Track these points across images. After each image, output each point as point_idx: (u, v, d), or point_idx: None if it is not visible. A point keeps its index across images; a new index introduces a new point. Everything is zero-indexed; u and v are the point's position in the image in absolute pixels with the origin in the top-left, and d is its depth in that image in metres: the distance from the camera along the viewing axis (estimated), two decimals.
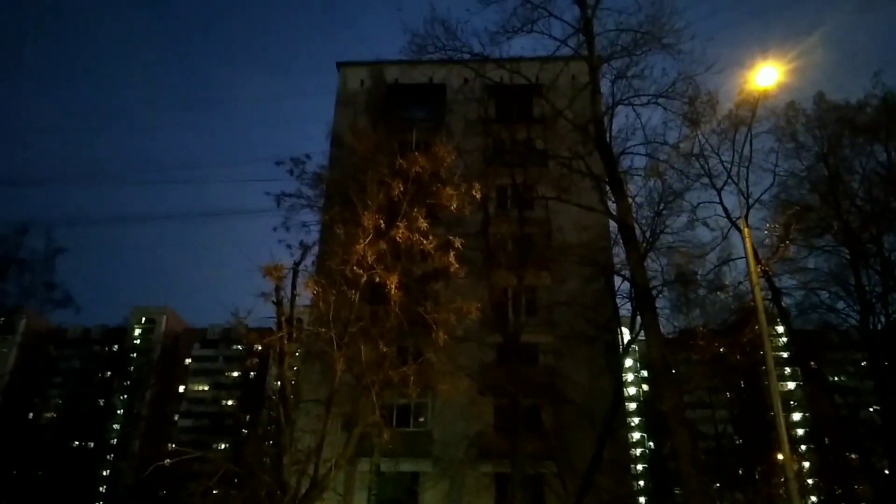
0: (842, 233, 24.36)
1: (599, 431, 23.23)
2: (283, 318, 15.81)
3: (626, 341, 27.34)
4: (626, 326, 27.72)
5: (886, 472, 24.05)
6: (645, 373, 48.88)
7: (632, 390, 55.58)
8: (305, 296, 16.59)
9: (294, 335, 16.10)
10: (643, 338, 22.17)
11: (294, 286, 16.24)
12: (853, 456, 25.87)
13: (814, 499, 38.95)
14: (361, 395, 15.97)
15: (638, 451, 55.96)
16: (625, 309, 26.67)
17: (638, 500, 41.60)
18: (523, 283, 25.31)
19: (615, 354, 26.40)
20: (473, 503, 24.92)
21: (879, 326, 25.07)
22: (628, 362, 50.93)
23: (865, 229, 24.29)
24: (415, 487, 25.94)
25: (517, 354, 24.03)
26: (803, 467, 38.74)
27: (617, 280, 26.04)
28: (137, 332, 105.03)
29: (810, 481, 39.74)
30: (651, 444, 53.59)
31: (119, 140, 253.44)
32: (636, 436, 56.92)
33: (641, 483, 49.92)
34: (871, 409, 27.45)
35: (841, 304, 25.79)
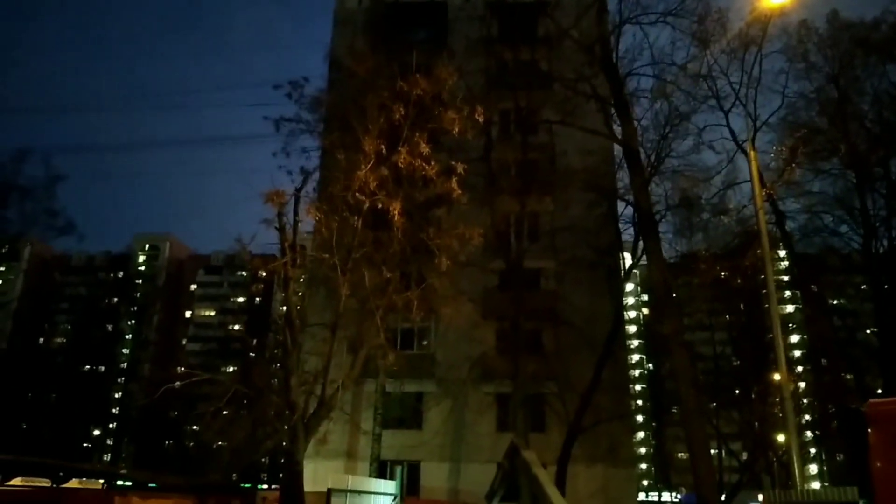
0: (849, 156, 24.05)
1: (599, 353, 23.67)
2: (286, 245, 15.80)
3: (627, 266, 27.47)
4: (628, 251, 27.78)
5: (879, 391, 24.60)
6: (646, 297, 49.41)
7: (632, 314, 56.33)
8: (308, 222, 16.56)
9: (298, 261, 16.15)
10: (645, 262, 22.29)
11: (296, 212, 16.16)
12: (848, 376, 26.42)
13: (808, 417, 40.13)
14: (366, 319, 16.16)
15: (637, 373, 57.28)
16: (627, 234, 26.70)
17: (635, 418, 42.91)
18: (526, 209, 25.23)
19: (616, 279, 26.61)
20: (475, 421, 25.74)
21: (882, 250, 25.12)
22: (629, 286, 51.37)
23: (873, 152, 23.97)
24: (419, 406, 26.72)
25: (519, 280, 24.22)
26: (799, 387, 39.65)
27: (620, 205, 25.97)
28: (141, 258, 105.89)
29: (805, 401, 40.79)
30: (650, 365, 54.81)
31: (115, 67, 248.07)
32: (635, 358, 58.15)
33: (640, 402, 51.36)
34: (868, 332, 27.91)
35: (844, 228, 25.80)
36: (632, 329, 50.21)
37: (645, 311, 56.28)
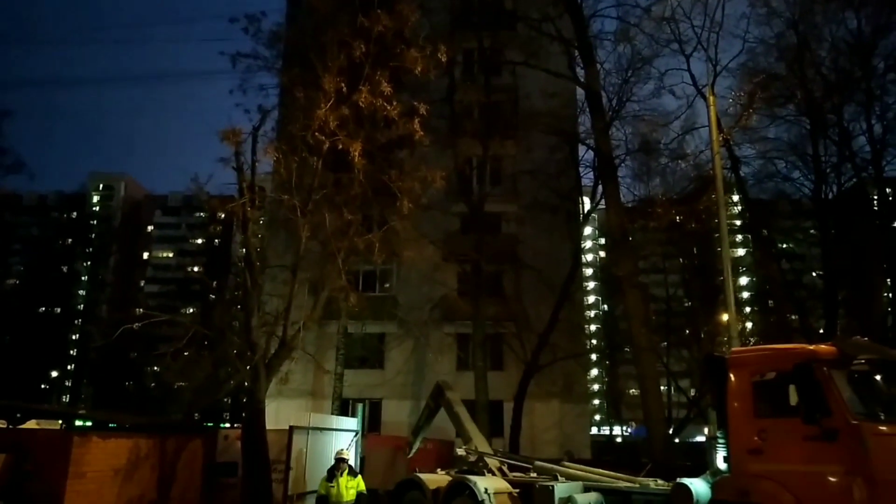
0: (804, 102, 24.50)
1: (557, 295, 24.21)
2: (244, 185, 15.52)
3: (586, 210, 27.86)
4: (587, 195, 28.14)
5: (821, 331, 25.82)
6: (603, 240, 50.27)
7: (590, 256, 57.33)
8: (266, 162, 16.26)
9: (256, 202, 15.92)
10: (603, 206, 22.64)
11: (254, 152, 15.80)
12: (793, 317, 27.55)
13: None
14: (327, 261, 16.15)
15: (592, 313, 58.75)
16: (587, 178, 26.99)
17: (590, 357, 44.27)
18: (489, 152, 25.22)
19: (576, 222, 27.03)
20: (436, 360, 26.30)
21: (831, 196, 25.94)
22: (588, 230, 52.12)
23: (828, 99, 24.43)
24: (381, 347, 27.14)
25: (481, 223, 24.41)
26: (746, 328, 41.28)
27: (581, 149, 26.14)
28: (96, 198, 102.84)
29: (752, 340, 42.54)
30: (605, 306, 56.13)
31: None
32: (591, 299, 59.47)
33: (594, 342, 52.80)
34: (814, 275, 29.02)
35: (796, 174, 26.48)
36: (589, 272, 51.26)
37: (602, 254, 57.38)
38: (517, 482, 10.86)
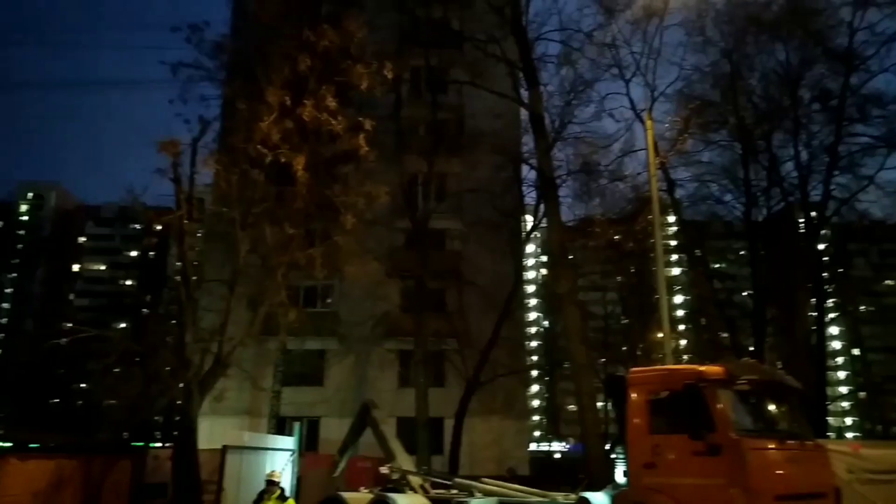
0: (736, 129, 25.54)
1: (499, 312, 24.40)
2: (182, 197, 15.15)
3: (529, 228, 28.27)
4: (530, 214, 28.56)
5: (751, 348, 26.81)
6: (545, 258, 51.04)
7: (532, 274, 58.13)
8: (206, 174, 15.91)
9: (194, 214, 15.57)
10: (545, 225, 23.01)
11: (193, 163, 15.45)
12: (724, 335, 28.49)
13: None
14: (267, 276, 15.89)
15: (533, 330, 59.50)
16: (530, 197, 27.39)
17: (530, 373, 44.72)
18: (434, 169, 25.32)
19: (518, 240, 27.37)
20: (377, 377, 26.11)
21: (760, 218, 27.06)
22: (530, 248, 52.87)
23: (758, 126, 25.54)
24: (321, 363, 26.76)
25: (425, 239, 24.45)
26: (680, 345, 42.52)
27: (524, 168, 26.55)
28: (24, 208, 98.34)
29: (685, 357, 43.83)
30: (546, 323, 56.91)
31: None
32: (532, 316, 60.22)
33: (535, 358, 53.40)
34: (744, 294, 30.13)
35: (728, 197, 27.46)
36: (531, 289, 51.95)
37: (544, 271, 58.25)
38: (437, 499, 11.08)
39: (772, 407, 8.70)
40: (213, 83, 17.96)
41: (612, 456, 8.81)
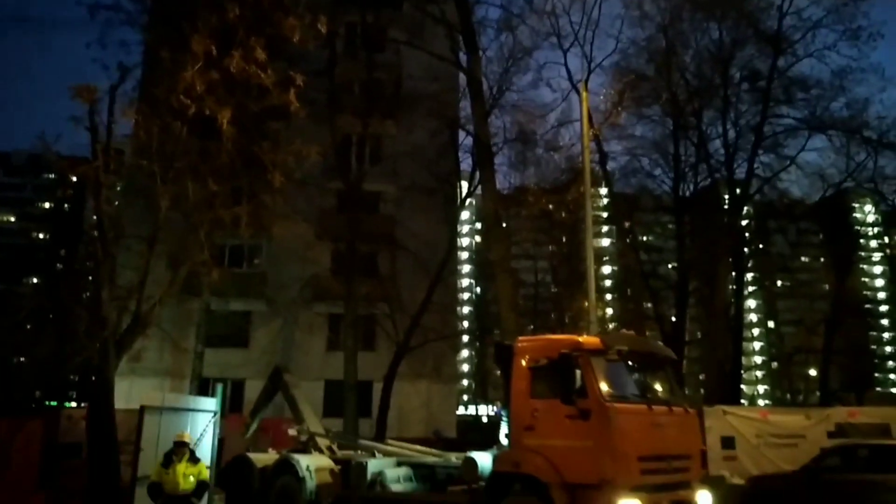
0: (669, 104, 26.05)
1: (431, 277, 24.35)
2: (98, 147, 14.26)
3: (464, 194, 28.21)
4: (465, 180, 28.47)
5: (673, 318, 27.82)
6: (479, 225, 51.31)
7: (465, 241, 58.46)
8: (125, 124, 15.02)
9: (112, 166, 14.68)
10: (480, 192, 22.98)
11: (111, 112, 14.52)
12: (649, 305, 29.40)
13: None
14: (189, 233, 15.26)
15: (466, 296, 60.04)
16: (466, 163, 27.28)
17: (461, 338, 45.21)
18: (368, 130, 24.78)
19: (453, 206, 27.27)
20: (305, 340, 25.75)
21: (688, 193, 27.86)
22: (465, 215, 53.03)
23: (689, 103, 26.13)
24: (247, 325, 26.17)
25: (358, 202, 24.00)
26: (606, 314, 43.73)
27: (461, 134, 26.32)
28: None
29: (611, 325, 45.19)
30: (478, 290, 57.51)
31: None
32: (465, 282, 60.71)
33: (466, 324, 54.00)
34: (669, 266, 31.12)
35: (658, 171, 28.16)
36: (464, 255, 52.25)
37: (478, 238, 58.61)
38: (341, 460, 11.45)
39: (646, 376, 9.30)
40: (134, 28, 16.94)
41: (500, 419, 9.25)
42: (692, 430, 9.20)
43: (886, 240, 48.79)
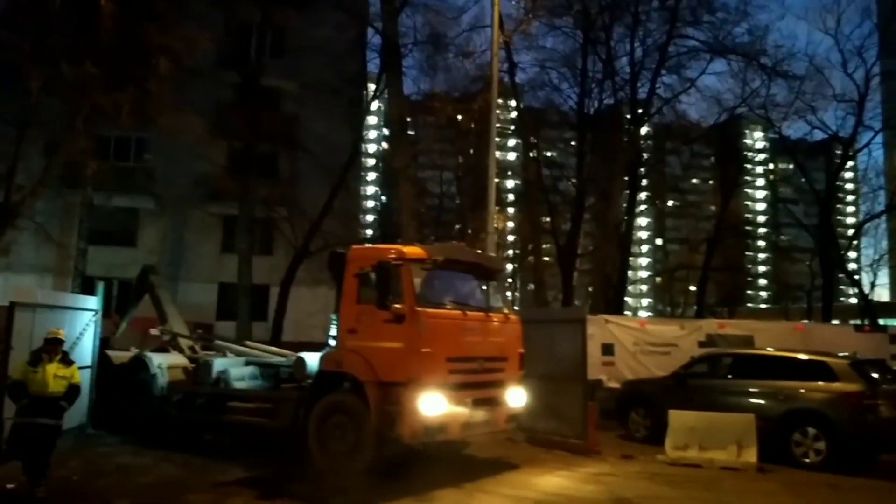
0: (581, 16, 25.88)
1: (334, 182, 23.78)
2: None
3: (370, 97, 27.36)
4: (373, 82, 27.54)
5: (568, 232, 28.78)
6: (386, 131, 50.43)
7: (372, 147, 57.38)
8: None
9: None
10: (387, 96, 22.32)
11: None
12: (547, 219, 30.18)
13: (511, 252, 45.98)
14: (66, 120, 14.04)
15: (371, 203, 59.56)
16: (373, 64, 26.31)
17: (365, 243, 45.08)
18: (270, 20, 23.22)
19: (358, 109, 26.40)
20: (198, 242, 24.84)
21: (592, 111, 28.23)
22: (372, 120, 51.81)
23: (600, 16, 26.06)
24: (134, 223, 24.88)
25: (256, 97, 22.74)
26: (507, 226, 44.66)
27: (369, 32, 25.17)
28: None
29: (511, 237, 46.35)
30: (383, 198, 57.13)
31: None
32: (370, 190, 60.06)
33: (370, 232, 53.80)
34: (570, 182, 31.80)
35: (566, 86, 28.26)
36: (370, 162, 51.31)
37: (385, 144, 57.68)
38: (195, 358, 11.94)
39: (469, 285, 9.85)
40: None
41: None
42: (511, 335, 9.82)
43: (771, 166, 52.12)
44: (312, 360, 9.69)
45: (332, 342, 9.52)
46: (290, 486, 8.37)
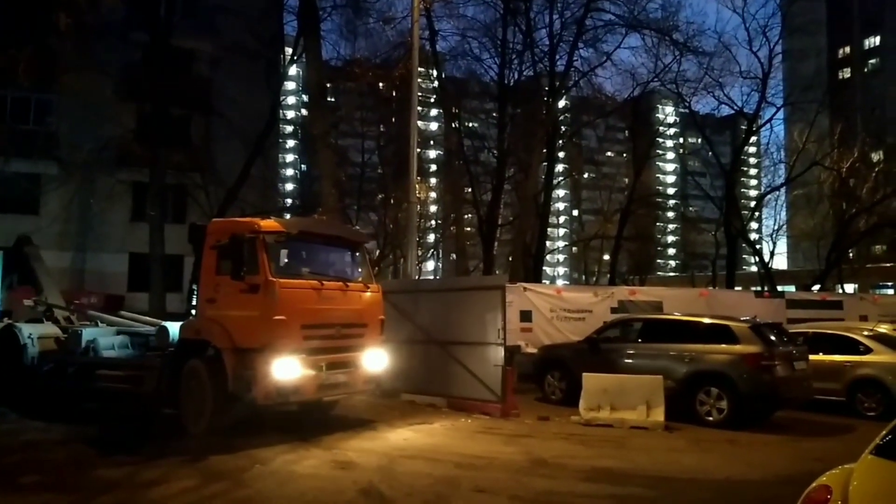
0: None
1: (250, 148, 23.11)
2: None
3: (288, 61, 26.55)
4: (290, 46, 26.75)
5: (489, 202, 29.16)
6: (305, 97, 49.19)
7: (291, 114, 55.82)
8: None
9: None
10: (305, 60, 21.77)
11: None
12: (468, 190, 30.45)
13: (433, 222, 46.12)
14: None
15: (290, 171, 58.17)
16: (291, 27, 25.53)
17: (283, 214, 44.14)
18: None
19: (276, 74, 25.62)
20: (106, 209, 23.69)
21: (512, 82, 28.49)
22: (291, 85, 50.40)
23: None
24: (35, 189, 23.43)
25: (167, 58, 21.68)
26: (430, 196, 44.77)
27: None
28: None
29: (433, 208, 46.48)
30: (303, 166, 55.95)
31: None
32: (289, 157, 58.59)
33: (289, 201, 52.68)
34: (491, 153, 32.13)
35: (486, 56, 28.40)
36: (289, 129, 49.88)
37: (304, 111, 56.19)
38: (68, 328, 11.92)
39: (329, 256, 10.32)
40: None
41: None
42: (370, 304, 10.22)
43: (681, 140, 54.22)
44: (175, 328, 10.00)
45: (194, 312, 9.86)
46: (171, 444, 8.63)
